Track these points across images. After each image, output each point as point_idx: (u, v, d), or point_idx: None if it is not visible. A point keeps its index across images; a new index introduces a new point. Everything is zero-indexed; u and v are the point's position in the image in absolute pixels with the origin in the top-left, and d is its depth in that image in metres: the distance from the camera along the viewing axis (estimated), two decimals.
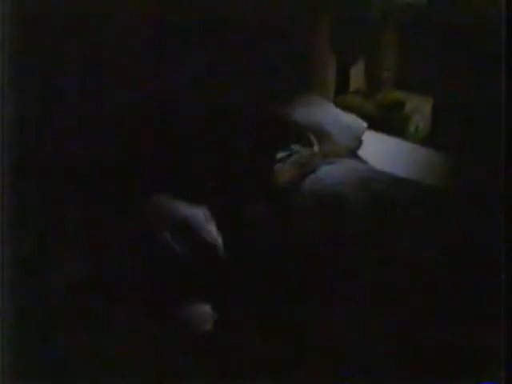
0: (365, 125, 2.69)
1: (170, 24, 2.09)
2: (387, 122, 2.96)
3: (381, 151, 2.58)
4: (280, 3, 2.58)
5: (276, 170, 1.99)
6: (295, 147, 2.16)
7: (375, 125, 2.82)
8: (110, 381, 1.41)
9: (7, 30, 1.57)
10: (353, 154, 2.45)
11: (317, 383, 1.46)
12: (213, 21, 2.25)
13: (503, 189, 1.43)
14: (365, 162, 2.40)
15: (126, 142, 1.93)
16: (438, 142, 2.80)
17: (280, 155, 2.09)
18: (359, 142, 2.60)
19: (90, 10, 1.87)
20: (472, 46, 2.86)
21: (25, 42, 1.69)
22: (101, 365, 1.44)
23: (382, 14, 3.02)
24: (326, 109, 2.69)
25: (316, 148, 2.26)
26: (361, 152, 2.58)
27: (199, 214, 1.74)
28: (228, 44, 2.32)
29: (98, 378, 1.41)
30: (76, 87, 1.90)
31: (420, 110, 3.11)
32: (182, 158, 1.93)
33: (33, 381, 1.37)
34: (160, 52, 2.10)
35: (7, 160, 1.48)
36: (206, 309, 1.56)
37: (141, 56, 2.04)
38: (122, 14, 1.96)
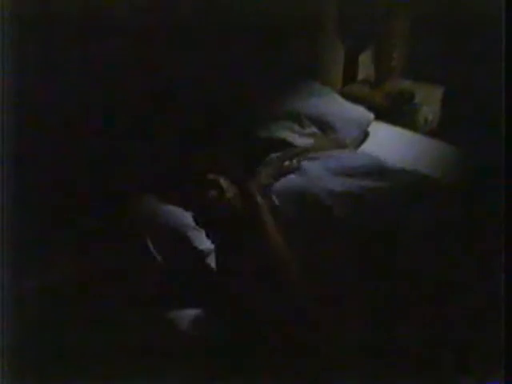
0: (371, 116, 2.66)
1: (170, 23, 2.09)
2: (396, 112, 2.93)
3: (387, 143, 2.55)
4: None
5: (258, 173, 1.98)
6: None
7: (383, 115, 2.79)
8: (109, 381, 1.42)
9: (7, 30, 1.58)
10: (351, 147, 2.43)
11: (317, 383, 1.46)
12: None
13: (503, 187, 1.40)
14: (359, 155, 2.35)
15: (125, 141, 1.93)
16: (447, 134, 2.77)
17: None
18: (365, 134, 2.58)
19: (89, 10, 1.87)
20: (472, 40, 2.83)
21: (25, 41, 1.70)
22: (100, 365, 1.46)
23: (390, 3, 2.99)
24: (331, 99, 2.65)
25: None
26: (367, 144, 2.56)
27: (187, 219, 1.73)
28: (229, 33, 2.31)
29: (97, 377, 1.42)
30: (75, 87, 1.90)
31: (430, 100, 3.06)
32: (174, 159, 1.93)
33: (33, 381, 1.39)
34: (159, 51, 2.10)
35: (7, 160, 1.49)
36: (198, 313, 1.57)
37: (140, 56, 2.04)
38: (122, 14, 1.96)
